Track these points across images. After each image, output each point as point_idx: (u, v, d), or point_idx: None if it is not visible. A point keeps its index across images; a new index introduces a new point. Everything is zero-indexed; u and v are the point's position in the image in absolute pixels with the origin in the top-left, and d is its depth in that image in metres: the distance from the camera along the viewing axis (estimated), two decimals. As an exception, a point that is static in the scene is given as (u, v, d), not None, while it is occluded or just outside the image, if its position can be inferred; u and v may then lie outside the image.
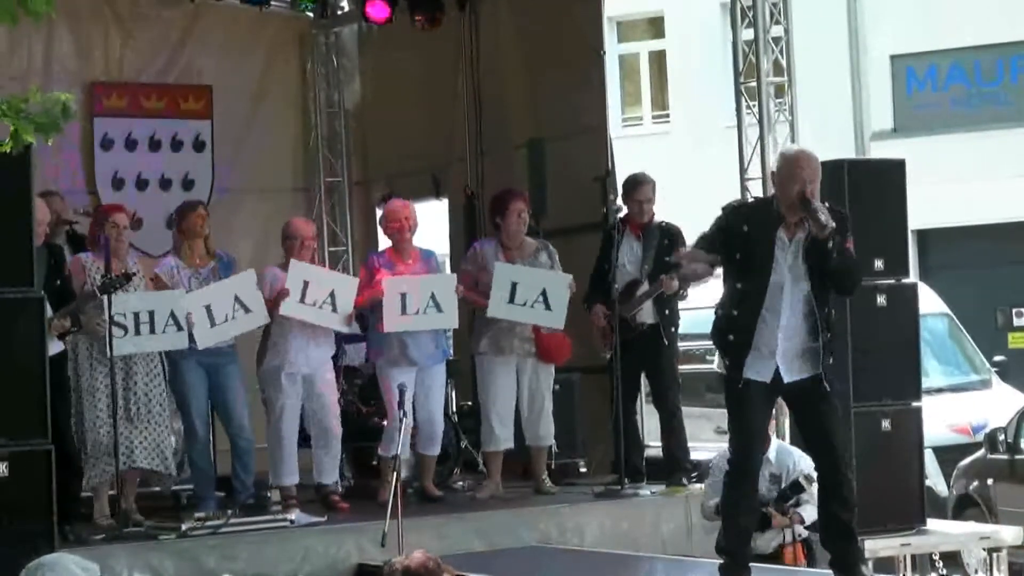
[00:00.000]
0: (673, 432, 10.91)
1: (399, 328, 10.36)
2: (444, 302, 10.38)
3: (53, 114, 8.45)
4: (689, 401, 15.03)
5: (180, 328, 9.87)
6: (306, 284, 10.24)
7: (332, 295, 10.30)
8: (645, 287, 10.78)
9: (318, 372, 10.49)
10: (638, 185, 11.03)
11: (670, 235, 10.88)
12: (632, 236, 10.93)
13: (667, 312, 10.85)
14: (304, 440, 10.58)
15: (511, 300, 10.46)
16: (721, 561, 7.93)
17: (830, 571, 7.98)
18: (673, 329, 10.93)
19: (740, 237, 7.78)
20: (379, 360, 10.65)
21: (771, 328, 7.70)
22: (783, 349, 7.73)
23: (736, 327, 7.80)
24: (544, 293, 10.50)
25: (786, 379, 7.75)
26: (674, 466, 10.80)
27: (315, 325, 10.35)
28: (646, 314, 10.83)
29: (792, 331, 7.73)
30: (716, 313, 7.99)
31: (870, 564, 9.32)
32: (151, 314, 9.79)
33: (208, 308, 10.03)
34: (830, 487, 7.91)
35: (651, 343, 10.80)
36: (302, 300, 10.22)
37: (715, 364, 8.21)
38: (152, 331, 9.79)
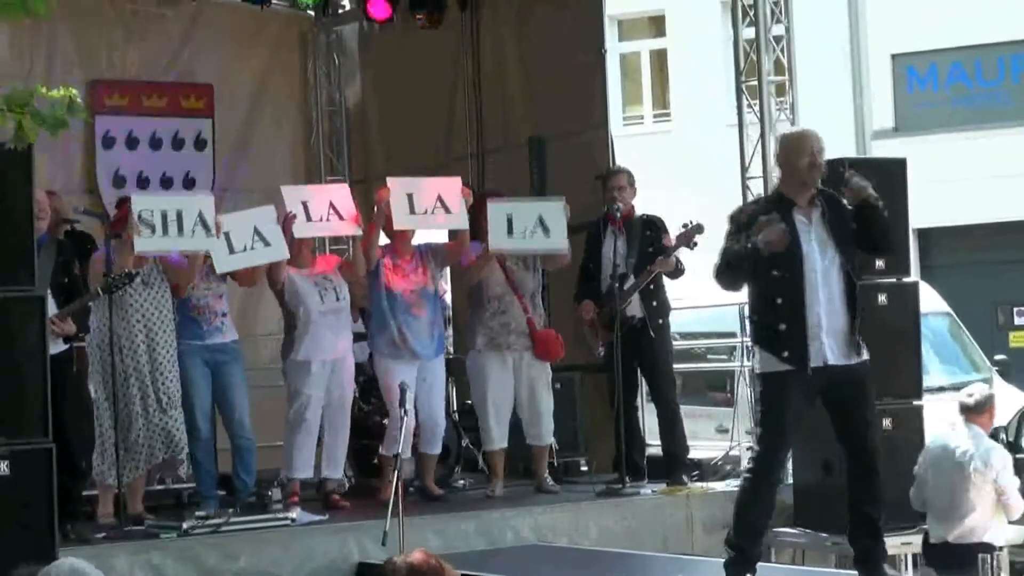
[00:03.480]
0: (672, 428, 10.93)
1: (408, 226, 10.46)
2: (452, 205, 10.40)
3: (59, 111, 8.47)
4: (691, 400, 15.08)
5: (208, 231, 9.77)
6: (305, 204, 10.33)
7: (332, 205, 10.40)
8: (631, 280, 10.81)
9: (342, 361, 10.52)
10: (611, 175, 11.11)
11: (652, 226, 10.94)
12: (615, 231, 10.95)
13: (654, 304, 10.88)
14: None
15: (510, 233, 10.49)
16: (727, 556, 7.92)
17: (855, 572, 8.00)
18: (660, 321, 10.93)
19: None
20: (379, 355, 10.65)
21: (813, 307, 7.71)
22: (828, 327, 7.71)
23: (786, 315, 7.75)
24: (541, 219, 10.51)
25: (831, 360, 7.70)
26: (674, 463, 10.82)
27: (336, 314, 10.41)
28: (634, 307, 10.86)
29: (832, 307, 7.73)
30: (753, 317, 7.98)
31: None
32: (179, 214, 9.68)
33: (227, 235, 10.03)
34: (863, 485, 7.90)
35: (641, 337, 10.81)
36: (308, 219, 10.30)
37: (754, 364, 8.21)
38: (180, 232, 9.69)
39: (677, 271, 10.85)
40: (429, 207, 10.39)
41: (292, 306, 10.40)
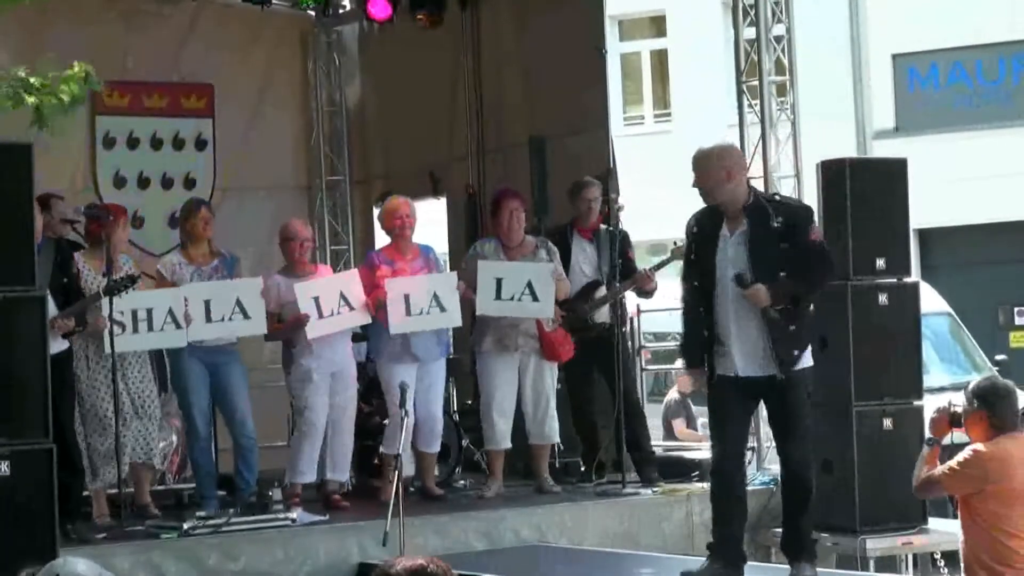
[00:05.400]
0: (642, 427, 11.13)
1: (405, 329, 10.38)
2: (446, 301, 10.40)
3: (77, 85, 8.50)
4: (693, 400, 15.09)
5: (179, 326, 9.88)
6: (317, 300, 10.27)
7: (343, 296, 10.33)
8: (603, 291, 10.87)
9: (345, 369, 10.54)
10: (585, 187, 11.15)
11: (619, 239, 11.00)
12: (583, 239, 11.04)
13: (619, 312, 11.02)
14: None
15: (497, 296, 10.49)
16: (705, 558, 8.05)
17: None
18: (625, 328, 11.14)
19: (692, 239, 7.99)
20: (381, 358, 10.67)
21: (724, 321, 7.80)
22: (736, 340, 7.81)
23: (705, 324, 7.91)
24: (530, 285, 10.51)
25: (742, 373, 7.81)
26: (645, 460, 10.93)
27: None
28: (602, 314, 11.01)
29: (742, 322, 7.80)
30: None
31: (871, 564, 9.35)
32: (149, 312, 9.81)
33: (207, 303, 10.04)
34: (787, 496, 8.11)
35: (605, 342, 10.86)
36: (320, 316, 10.25)
37: (677, 365, 8.41)
38: (150, 328, 9.80)
39: (648, 292, 10.96)
40: (424, 307, 10.33)
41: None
